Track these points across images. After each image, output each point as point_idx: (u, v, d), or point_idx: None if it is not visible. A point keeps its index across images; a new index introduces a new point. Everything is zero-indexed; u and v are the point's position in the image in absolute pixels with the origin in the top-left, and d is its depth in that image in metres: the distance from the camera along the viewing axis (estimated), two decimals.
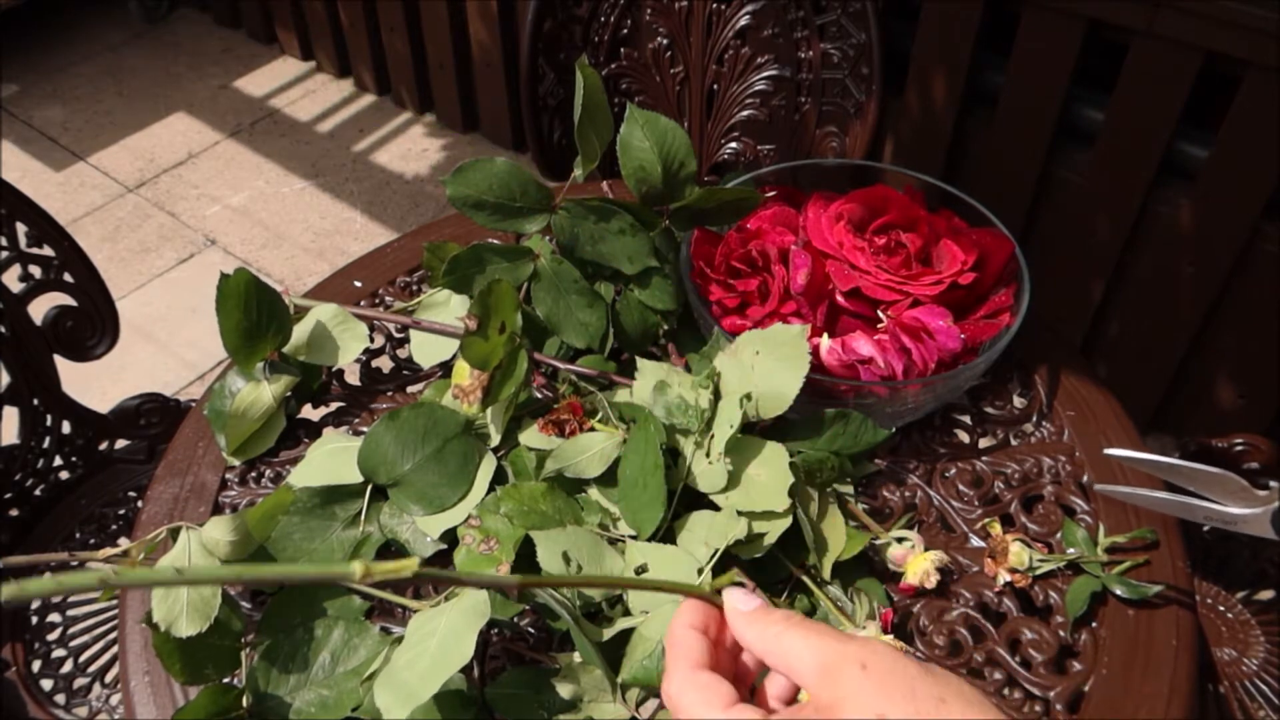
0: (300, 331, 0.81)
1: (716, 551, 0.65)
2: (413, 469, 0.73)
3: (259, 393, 0.78)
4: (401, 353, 0.91)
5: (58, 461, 1.18)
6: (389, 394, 0.87)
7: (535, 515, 0.70)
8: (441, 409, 0.75)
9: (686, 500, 0.70)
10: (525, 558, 0.66)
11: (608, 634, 0.64)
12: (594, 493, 0.73)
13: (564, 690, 0.63)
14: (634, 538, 0.68)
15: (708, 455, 0.70)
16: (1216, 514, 0.65)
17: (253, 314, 0.75)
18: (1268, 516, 0.63)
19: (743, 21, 1.23)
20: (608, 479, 0.72)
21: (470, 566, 0.68)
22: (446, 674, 0.54)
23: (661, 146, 0.80)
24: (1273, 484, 0.63)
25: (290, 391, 0.82)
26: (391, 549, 0.73)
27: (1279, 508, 0.63)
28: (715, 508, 0.69)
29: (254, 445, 0.81)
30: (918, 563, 0.70)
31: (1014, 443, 0.82)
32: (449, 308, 0.86)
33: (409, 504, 0.73)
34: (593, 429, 0.74)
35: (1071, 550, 0.73)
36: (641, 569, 0.66)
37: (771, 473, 0.69)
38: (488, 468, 0.74)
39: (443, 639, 0.56)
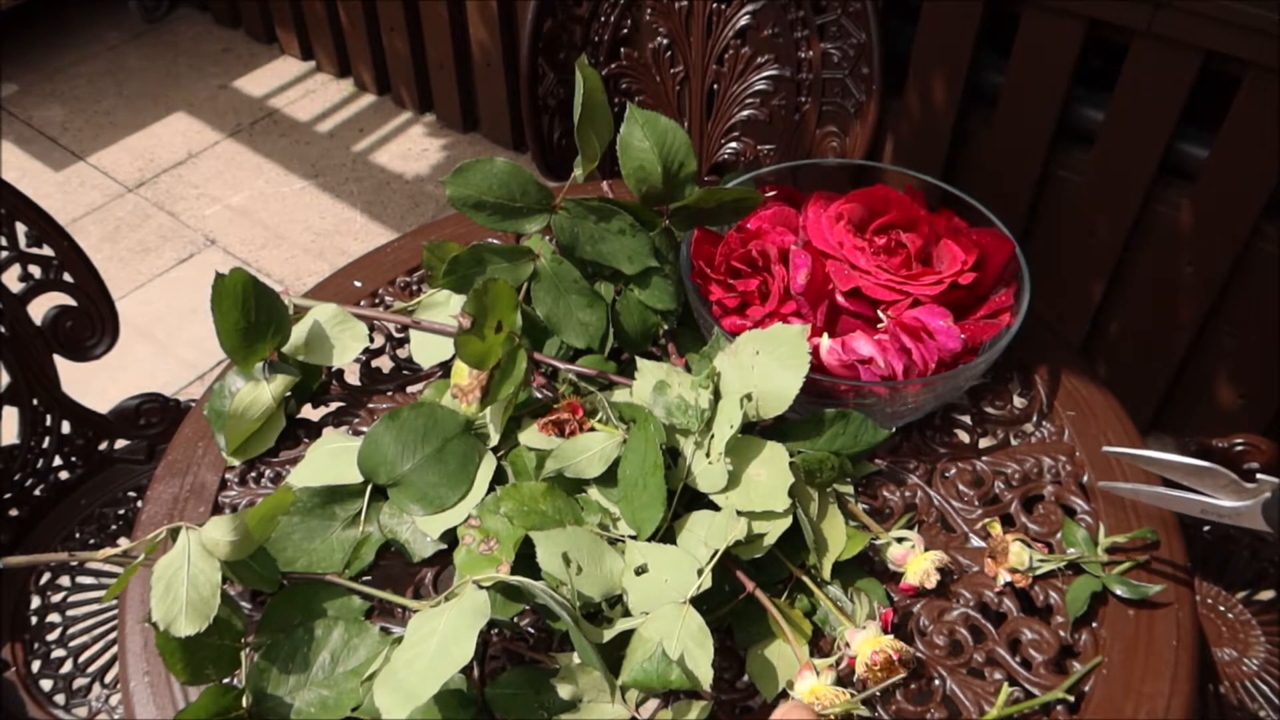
0: (299, 331, 0.81)
1: (716, 552, 0.65)
2: (412, 469, 0.73)
3: (258, 393, 0.78)
4: (401, 353, 0.91)
5: (58, 461, 1.18)
6: (389, 394, 0.87)
7: (535, 515, 0.70)
8: (441, 409, 0.75)
9: (686, 500, 0.70)
10: (525, 558, 0.66)
11: (608, 635, 0.64)
12: (594, 493, 0.72)
13: (564, 690, 0.63)
14: (634, 538, 0.68)
15: (708, 455, 0.70)
16: (1212, 508, 0.66)
17: (250, 314, 0.75)
18: (1258, 509, 0.64)
19: (743, 21, 1.23)
20: (608, 479, 0.72)
21: (470, 567, 0.68)
22: (446, 674, 0.54)
23: (661, 146, 0.80)
24: (1260, 476, 0.64)
25: (290, 391, 0.82)
26: (391, 549, 0.73)
27: (1268, 500, 0.63)
28: (715, 508, 0.69)
29: (253, 445, 0.81)
30: (918, 563, 0.70)
31: (1014, 443, 0.82)
32: (449, 308, 0.86)
33: (409, 504, 0.72)
34: (593, 429, 0.74)
35: (1072, 550, 0.73)
36: (641, 569, 0.66)
37: (771, 472, 0.69)
38: (488, 468, 0.74)
39: (442, 639, 0.56)
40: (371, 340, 0.92)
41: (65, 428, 1.18)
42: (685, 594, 0.64)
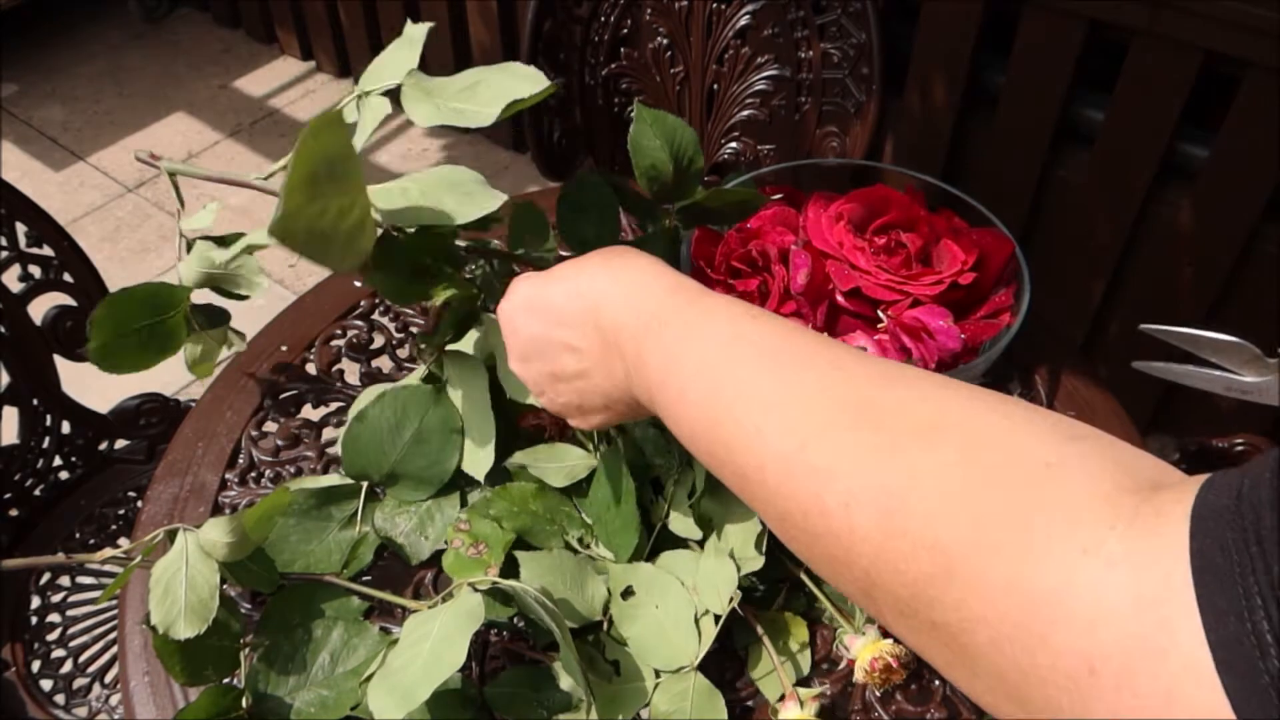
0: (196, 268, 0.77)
1: (720, 619, 0.64)
2: (399, 461, 0.72)
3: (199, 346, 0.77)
4: (402, 353, 0.91)
5: (58, 461, 1.18)
6: None
7: (526, 516, 0.69)
8: (404, 391, 0.73)
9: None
10: (515, 559, 0.66)
11: (610, 684, 0.63)
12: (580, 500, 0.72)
13: (564, 690, 0.63)
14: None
15: (690, 495, 0.69)
16: (1236, 384, 0.69)
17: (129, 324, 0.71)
18: (1276, 384, 0.67)
19: (743, 21, 1.22)
20: (582, 490, 0.71)
21: (457, 569, 0.67)
22: (440, 678, 0.54)
23: (671, 144, 0.79)
24: None
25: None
26: (387, 551, 0.73)
27: None
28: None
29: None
30: (869, 650, 0.68)
31: None
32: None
33: (410, 495, 0.72)
34: (574, 437, 0.73)
35: None
36: (628, 592, 0.66)
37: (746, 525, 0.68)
38: (477, 400, 0.72)
39: (435, 643, 0.56)
40: (371, 340, 0.92)
41: (65, 428, 1.18)
42: (690, 655, 0.63)
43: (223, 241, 0.75)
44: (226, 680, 0.63)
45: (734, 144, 1.30)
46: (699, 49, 1.26)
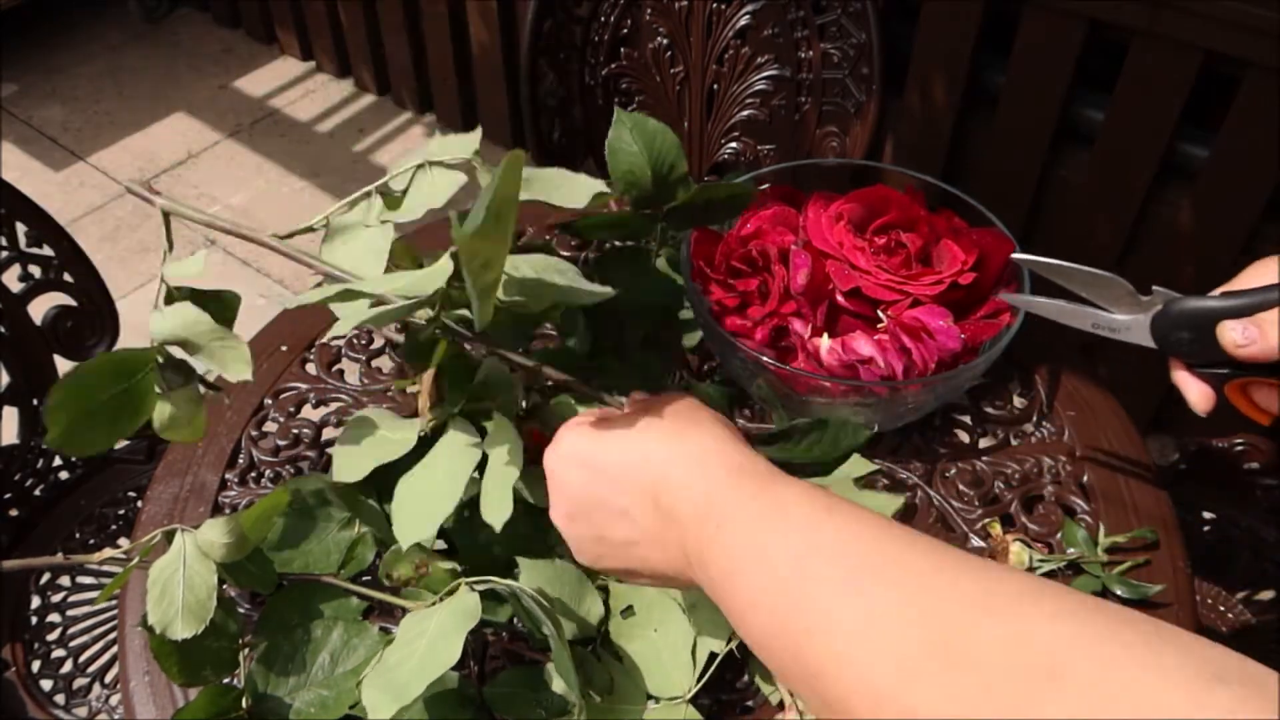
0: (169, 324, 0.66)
1: (716, 657, 0.64)
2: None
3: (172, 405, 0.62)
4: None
5: (57, 461, 1.18)
6: (389, 394, 0.87)
7: (514, 540, 0.68)
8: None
9: None
10: (509, 565, 0.66)
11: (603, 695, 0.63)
12: None
13: (562, 690, 0.63)
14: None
15: None
16: (1105, 322, 0.67)
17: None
18: (1147, 323, 0.65)
19: (743, 21, 1.22)
20: None
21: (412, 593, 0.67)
22: (433, 675, 0.54)
23: (651, 149, 0.78)
24: (1157, 289, 0.64)
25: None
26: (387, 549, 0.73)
27: (1157, 313, 0.63)
28: None
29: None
30: None
31: (1014, 443, 0.82)
32: (362, 240, 0.71)
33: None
34: None
35: (1072, 550, 0.73)
36: (627, 611, 0.65)
37: None
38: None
39: (432, 640, 0.56)
40: (371, 340, 0.92)
41: None
42: (683, 688, 0.63)
43: (209, 301, 0.65)
44: (226, 680, 0.63)
45: (734, 144, 1.30)
46: (699, 49, 1.26)
